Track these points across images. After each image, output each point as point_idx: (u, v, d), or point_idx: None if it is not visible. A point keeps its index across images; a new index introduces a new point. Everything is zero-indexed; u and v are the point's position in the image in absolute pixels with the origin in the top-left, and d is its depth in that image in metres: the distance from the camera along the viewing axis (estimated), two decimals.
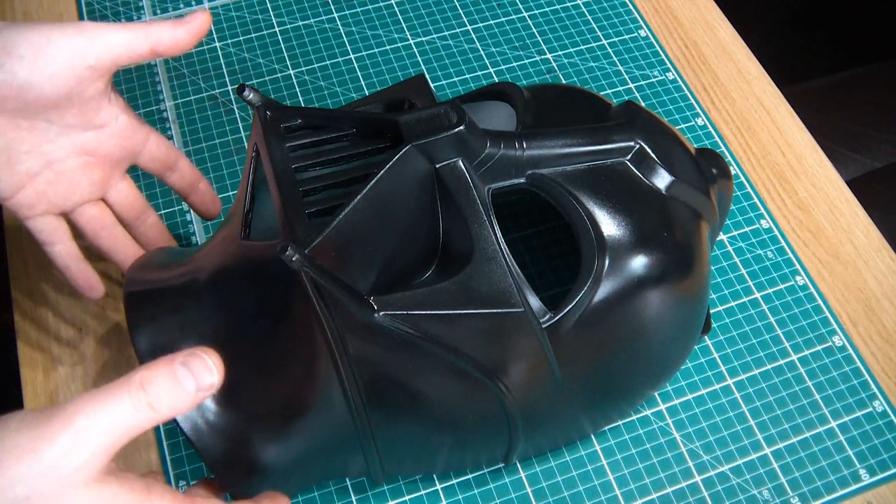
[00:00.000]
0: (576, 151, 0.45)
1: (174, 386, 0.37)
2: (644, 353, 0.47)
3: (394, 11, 0.75)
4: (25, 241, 0.62)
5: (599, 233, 0.44)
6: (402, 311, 0.41)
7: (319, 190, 0.44)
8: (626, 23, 0.75)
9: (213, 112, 0.68)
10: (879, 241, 0.64)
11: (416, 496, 0.52)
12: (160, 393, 0.36)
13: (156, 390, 0.36)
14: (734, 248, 0.63)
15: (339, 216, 0.40)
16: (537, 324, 0.43)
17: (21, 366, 0.57)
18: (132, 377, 0.36)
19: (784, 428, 0.55)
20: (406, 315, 0.41)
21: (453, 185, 0.43)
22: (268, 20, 0.74)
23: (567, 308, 0.43)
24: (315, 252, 0.39)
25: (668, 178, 0.46)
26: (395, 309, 0.40)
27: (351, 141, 0.46)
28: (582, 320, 0.43)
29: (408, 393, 0.43)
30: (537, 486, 0.53)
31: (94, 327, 0.59)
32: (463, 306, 0.42)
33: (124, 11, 0.74)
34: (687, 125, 0.69)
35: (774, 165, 0.67)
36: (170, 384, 0.36)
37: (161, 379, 0.36)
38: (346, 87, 0.70)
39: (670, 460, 0.54)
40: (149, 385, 0.36)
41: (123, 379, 0.36)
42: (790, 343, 0.59)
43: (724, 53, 0.73)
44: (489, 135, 0.44)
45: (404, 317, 0.41)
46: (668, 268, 0.45)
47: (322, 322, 0.40)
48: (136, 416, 0.36)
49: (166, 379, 0.36)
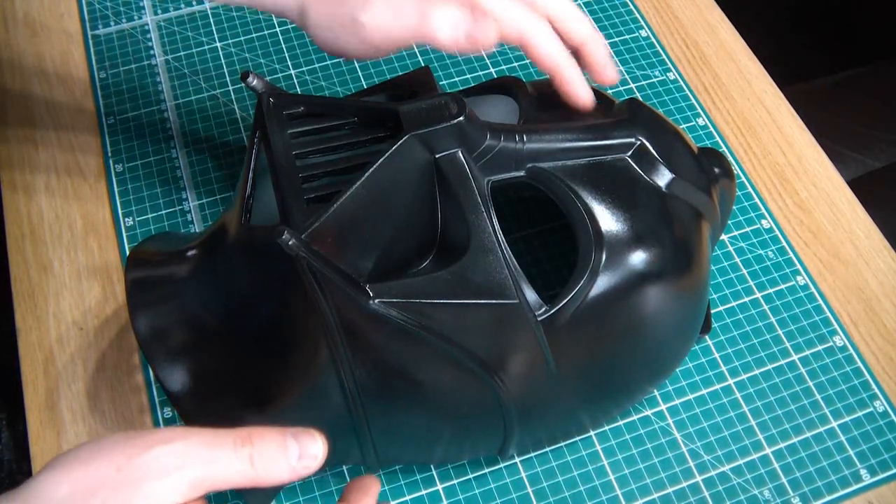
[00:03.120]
0: (576, 146, 0.46)
1: (279, 447, 0.36)
2: (640, 349, 0.47)
3: None
4: (26, 240, 0.62)
5: (597, 227, 0.44)
6: (398, 299, 0.41)
7: (319, 177, 0.44)
8: (627, 23, 0.75)
9: (213, 112, 0.68)
10: (880, 241, 0.64)
11: (416, 496, 0.52)
12: (264, 450, 0.35)
13: (261, 446, 0.35)
14: (735, 247, 0.63)
15: (337, 202, 0.41)
16: (532, 316, 0.43)
17: (21, 365, 0.57)
18: (240, 430, 0.35)
19: (785, 428, 0.55)
20: (401, 303, 0.41)
21: (452, 176, 0.43)
22: (268, 20, 0.74)
23: (563, 301, 0.43)
24: (312, 237, 0.40)
25: (668, 176, 0.46)
26: (390, 296, 0.41)
27: (352, 129, 0.47)
28: (578, 314, 0.43)
29: (402, 381, 0.44)
30: (538, 486, 0.53)
31: (94, 326, 0.59)
32: (458, 296, 0.42)
33: (125, 12, 0.74)
34: (688, 125, 0.69)
35: (775, 165, 0.67)
36: (276, 445, 0.36)
37: (269, 438, 0.36)
38: (347, 87, 0.70)
39: (671, 460, 0.54)
40: (257, 439, 0.35)
41: (228, 430, 0.35)
42: (791, 343, 0.59)
43: (725, 53, 0.73)
44: (489, 127, 0.45)
45: (400, 304, 0.41)
46: (665, 264, 0.45)
47: (318, 308, 0.41)
48: (233, 463, 0.35)
49: (274, 440, 0.36)
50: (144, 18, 0.74)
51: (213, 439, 0.35)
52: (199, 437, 0.35)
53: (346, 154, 0.46)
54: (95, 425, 0.55)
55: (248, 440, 0.35)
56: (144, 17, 0.74)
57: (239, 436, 0.35)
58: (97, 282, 0.60)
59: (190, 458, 0.34)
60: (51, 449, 0.54)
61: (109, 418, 0.55)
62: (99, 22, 0.74)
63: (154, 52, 0.72)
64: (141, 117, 0.68)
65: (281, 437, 0.36)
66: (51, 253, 0.61)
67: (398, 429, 0.46)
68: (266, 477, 0.35)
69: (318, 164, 0.45)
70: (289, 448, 0.36)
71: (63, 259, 0.61)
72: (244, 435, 0.35)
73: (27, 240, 0.62)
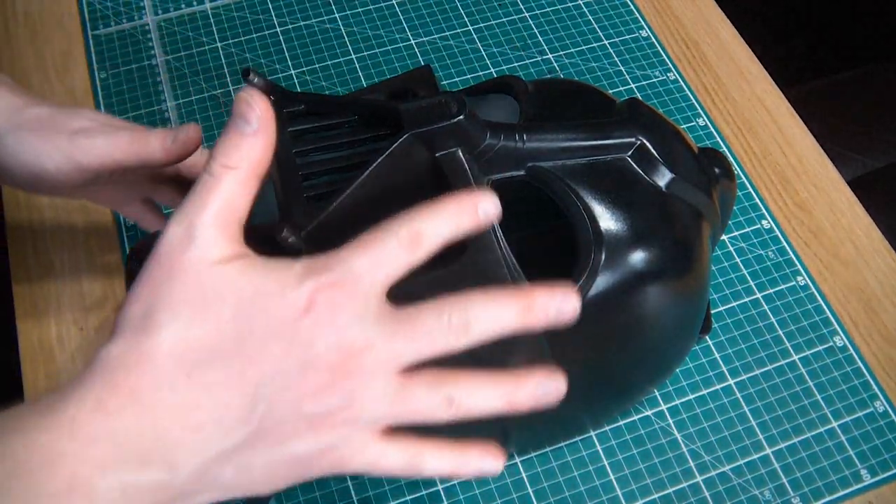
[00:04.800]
0: (576, 145, 0.46)
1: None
2: (640, 349, 0.47)
3: (395, 11, 0.75)
4: (26, 240, 0.62)
5: (597, 227, 0.44)
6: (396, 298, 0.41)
7: (319, 175, 0.44)
8: (627, 23, 0.75)
9: (213, 112, 0.68)
10: (880, 241, 0.64)
11: (416, 496, 0.52)
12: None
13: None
14: (735, 248, 0.63)
15: (337, 201, 0.41)
16: None
17: (22, 364, 0.57)
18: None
19: (785, 428, 0.55)
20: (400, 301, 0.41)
21: (452, 175, 0.43)
22: (268, 20, 0.74)
23: None
24: (312, 235, 0.40)
25: (668, 176, 0.46)
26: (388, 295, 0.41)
27: (352, 128, 0.47)
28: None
29: None
30: (539, 487, 0.53)
31: (94, 326, 0.59)
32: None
33: (125, 12, 0.74)
34: (688, 125, 0.69)
35: (775, 165, 0.67)
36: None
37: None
38: (347, 87, 0.70)
39: (672, 460, 0.54)
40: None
41: None
42: (791, 343, 0.59)
43: (725, 53, 0.73)
44: (489, 126, 0.45)
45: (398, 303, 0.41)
46: (665, 264, 0.45)
47: None
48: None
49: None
50: (144, 18, 0.74)
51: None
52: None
53: (347, 152, 0.46)
54: None
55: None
56: (144, 17, 0.74)
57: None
58: (97, 282, 0.60)
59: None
60: None
61: None
62: (99, 22, 0.74)
63: (154, 52, 0.72)
64: (141, 117, 0.68)
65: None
66: (51, 253, 0.61)
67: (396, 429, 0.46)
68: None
69: (319, 163, 0.45)
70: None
71: (63, 259, 0.61)
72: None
73: (27, 239, 0.62)
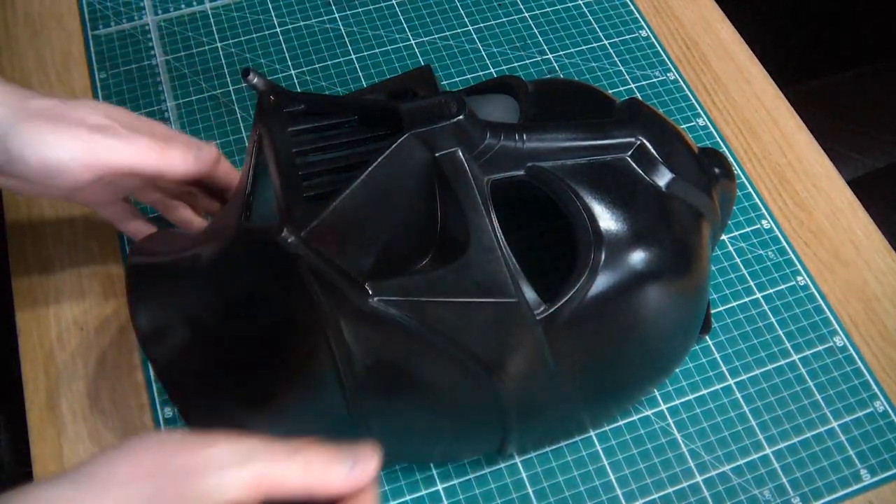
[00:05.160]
0: (576, 145, 0.46)
1: (332, 454, 0.36)
2: (640, 348, 0.47)
3: (394, 11, 0.75)
4: (27, 240, 0.62)
5: (597, 226, 0.44)
6: (397, 297, 0.41)
7: (319, 175, 0.44)
8: (627, 23, 0.75)
9: (213, 112, 0.68)
10: (880, 241, 0.64)
11: (417, 496, 0.52)
12: (319, 456, 0.36)
13: (316, 452, 0.36)
14: (735, 248, 0.63)
15: (336, 201, 0.41)
16: (531, 315, 0.43)
17: (22, 364, 0.57)
18: (293, 441, 0.36)
19: (785, 428, 0.55)
20: (400, 301, 0.41)
21: (452, 175, 0.43)
22: (268, 20, 0.74)
23: (562, 300, 0.43)
24: (311, 235, 0.40)
25: (668, 176, 0.46)
26: (389, 294, 0.41)
27: (352, 127, 0.47)
28: (577, 313, 0.44)
29: (401, 378, 0.44)
30: (538, 486, 0.53)
31: (94, 326, 0.59)
32: (458, 294, 0.42)
33: (125, 12, 0.74)
34: (688, 125, 0.69)
35: (775, 165, 0.67)
36: (329, 453, 0.36)
37: (323, 448, 0.36)
38: (347, 87, 0.70)
39: (671, 460, 0.54)
40: (310, 447, 0.36)
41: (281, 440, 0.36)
42: (791, 343, 0.59)
43: (725, 54, 0.73)
44: (489, 126, 0.45)
45: (399, 302, 0.41)
46: (664, 264, 0.45)
47: (317, 306, 0.41)
48: (290, 465, 0.35)
49: (327, 450, 0.36)
50: (144, 18, 0.74)
51: (270, 443, 0.35)
52: (258, 440, 0.35)
53: (347, 152, 0.46)
54: (96, 424, 0.55)
55: (302, 447, 0.36)
56: (144, 17, 0.74)
57: (292, 444, 0.35)
58: (97, 281, 0.60)
59: (252, 455, 0.34)
60: (51, 448, 0.54)
61: (110, 417, 0.55)
62: (99, 22, 0.74)
63: (154, 52, 0.72)
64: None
65: (334, 448, 0.36)
66: (51, 252, 0.61)
67: (397, 427, 0.46)
68: (321, 483, 0.35)
69: (319, 162, 0.45)
70: (343, 455, 0.36)
71: (63, 259, 0.61)
72: (297, 444, 0.36)
73: (28, 239, 0.62)
